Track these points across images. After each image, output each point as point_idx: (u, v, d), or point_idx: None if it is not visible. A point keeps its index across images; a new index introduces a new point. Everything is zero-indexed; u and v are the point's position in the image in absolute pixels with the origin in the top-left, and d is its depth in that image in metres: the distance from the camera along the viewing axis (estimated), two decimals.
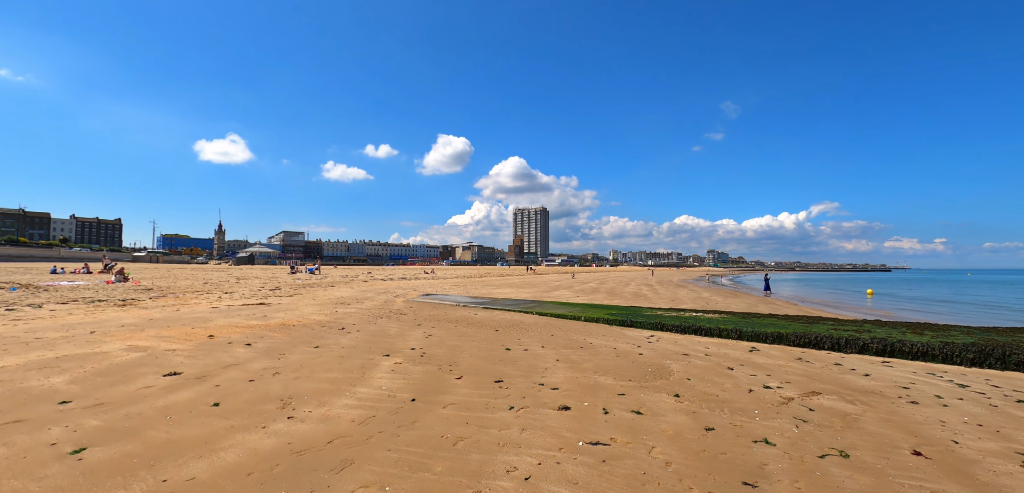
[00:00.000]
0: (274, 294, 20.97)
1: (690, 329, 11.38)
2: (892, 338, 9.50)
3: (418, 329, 11.19)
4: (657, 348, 9.21)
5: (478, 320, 13.12)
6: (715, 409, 5.29)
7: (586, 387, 6.10)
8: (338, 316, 13.36)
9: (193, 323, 11.24)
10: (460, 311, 15.51)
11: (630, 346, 9.36)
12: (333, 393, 5.61)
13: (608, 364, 7.56)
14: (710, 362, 7.94)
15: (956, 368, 8.26)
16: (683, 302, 23.51)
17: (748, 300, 27.01)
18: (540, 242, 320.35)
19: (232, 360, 7.34)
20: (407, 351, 8.31)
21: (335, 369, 6.83)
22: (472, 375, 6.64)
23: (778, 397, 5.87)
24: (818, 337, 9.85)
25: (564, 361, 7.72)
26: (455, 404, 5.25)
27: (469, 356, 8.00)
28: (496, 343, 9.37)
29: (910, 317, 20.65)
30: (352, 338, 9.65)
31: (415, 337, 9.97)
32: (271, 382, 6.08)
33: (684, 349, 9.18)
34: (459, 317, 13.79)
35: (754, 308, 21.42)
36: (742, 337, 10.66)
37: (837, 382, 6.80)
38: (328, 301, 18.03)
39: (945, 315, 22.70)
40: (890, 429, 4.88)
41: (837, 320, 12.72)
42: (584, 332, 11.17)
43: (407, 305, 17.31)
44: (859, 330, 10.60)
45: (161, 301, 16.61)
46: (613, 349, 8.94)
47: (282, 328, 10.81)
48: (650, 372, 7.06)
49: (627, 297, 26.36)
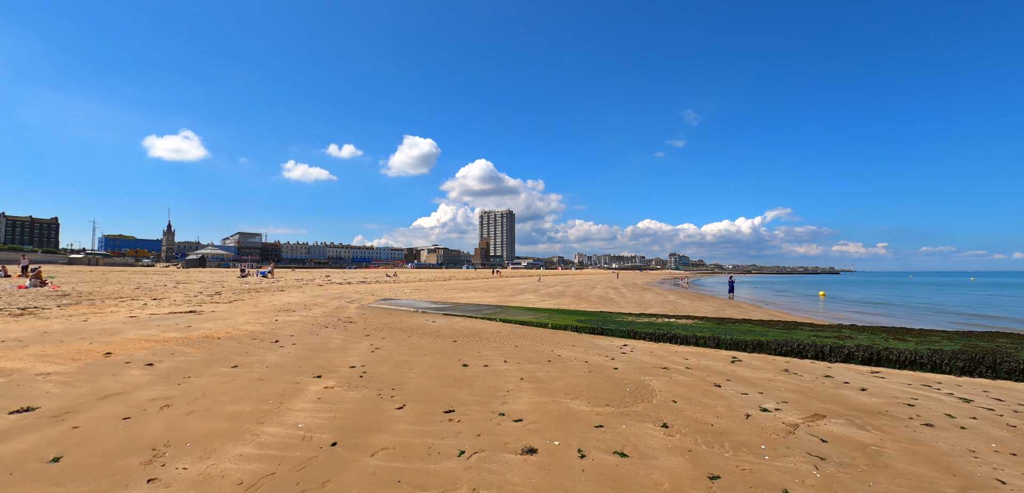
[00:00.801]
0: (211, 300, 18.98)
1: (665, 337, 10.54)
2: (878, 346, 8.92)
3: (365, 341, 9.86)
4: (633, 360, 8.26)
5: (435, 329, 11.87)
6: (714, 444, 4.32)
7: (556, 417, 5.02)
8: (276, 326, 11.82)
9: (95, 337, 9.50)
10: (417, 318, 14.21)
11: (603, 358, 8.37)
12: (229, 436, 4.30)
13: (580, 382, 6.52)
14: (693, 377, 7.03)
15: (948, 378, 7.70)
16: (651, 306, 22.94)
17: (715, 303, 26.82)
18: (506, 245, 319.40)
19: (117, 387, 5.86)
20: (344, 370, 7.00)
21: (246, 398, 5.48)
22: (418, 402, 5.44)
23: (781, 424, 4.97)
24: (801, 345, 9.17)
25: (530, 380, 6.62)
26: (388, 450, 4.04)
27: (418, 376, 6.78)
28: (452, 357, 8.18)
29: (877, 320, 20.73)
30: (283, 354, 8.24)
31: (359, 351, 8.65)
32: (152, 420, 4.69)
33: (661, 360, 8.27)
34: (415, 325, 12.50)
35: (722, 311, 21.05)
36: (720, 345, 9.89)
37: (837, 400, 6.00)
38: (271, 308, 16.32)
39: (902, 318, 23.05)
40: (922, 465, 4.03)
41: (814, 325, 12.22)
42: (552, 342, 10.14)
43: (359, 312, 15.84)
44: (841, 336, 10.02)
45: (71, 309, 14.50)
46: (584, 362, 7.92)
47: (203, 342, 9.26)
48: (629, 392, 6.06)
49: (594, 301, 25.63)
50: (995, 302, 35.05)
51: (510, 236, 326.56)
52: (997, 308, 29.58)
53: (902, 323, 19.35)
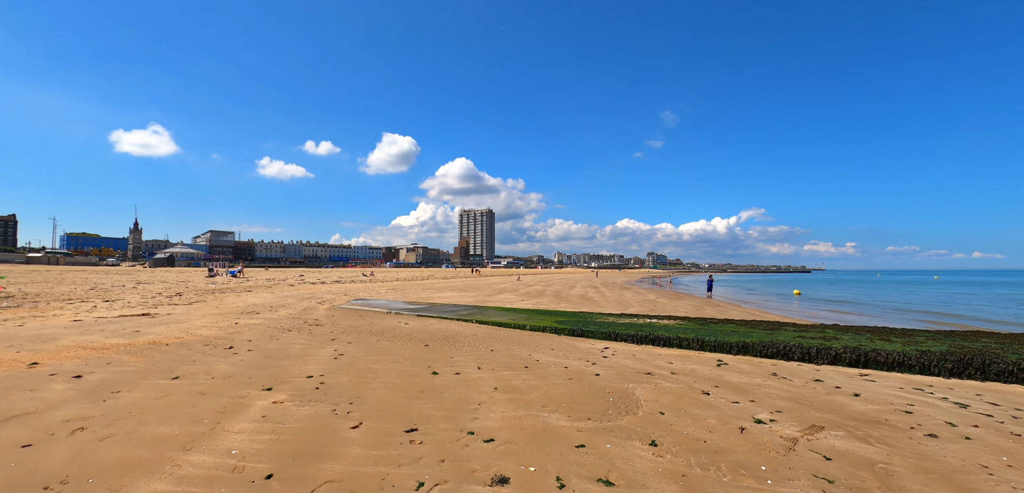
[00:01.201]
0: (170, 302, 17.87)
1: (647, 339, 10.12)
2: (865, 347, 8.65)
3: (329, 346, 9.15)
4: (615, 365, 7.78)
5: (407, 332, 11.21)
6: (709, 465, 3.83)
7: (532, 435, 4.47)
8: (234, 330, 10.99)
9: (25, 345, 8.57)
10: (389, 320, 13.51)
11: (583, 363, 7.87)
12: (144, 468, 3.62)
13: (559, 392, 5.99)
14: (680, 384, 6.58)
15: (938, 380, 7.45)
16: (631, 305, 22.66)
17: (694, 302, 26.74)
18: (486, 244, 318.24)
19: (30, 405, 5.08)
20: (300, 381, 6.32)
21: (177, 417, 4.78)
22: (377, 419, 4.82)
23: (778, 438, 4.53)
24: (787, 347, 8.85)
25: (504, 390, 6.06)
26: (334, 483, 3.43)
27: (382, 386, 6.15)
28: (422, 364, 7.56)
29: (855, 319, 20.83)
30: (235, 362, 7.49)
31: (320, 358, 7.96)
32: (57, 448, 3.98)
33: (645, 365, 7.82)
34: (385, 328, 11.81)
35: (702, 310, 20.89)
36: (705, 348, 9.51)
37: (832, 408, 5.61)
38: (233, 310, 15.38)
39: (879, 317, 23.29)
40: (936, 486, 3.62)
41: (796, 325, 11.99)
42: (529, 345, 9.61)
43: (329, 313, 15.04)
44: (826, 338, 9.76)
45: (9, 313, 13.33)
46: (564, 368, 7.40)
47: (148, 349, 8.42)
48: (612, 403, 5.56)
49: (574, 301, 25.25)
50: (960, 300, 36.07)
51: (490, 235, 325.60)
52: (962, 306, 30.33)
53: (879, 322, 19.47)
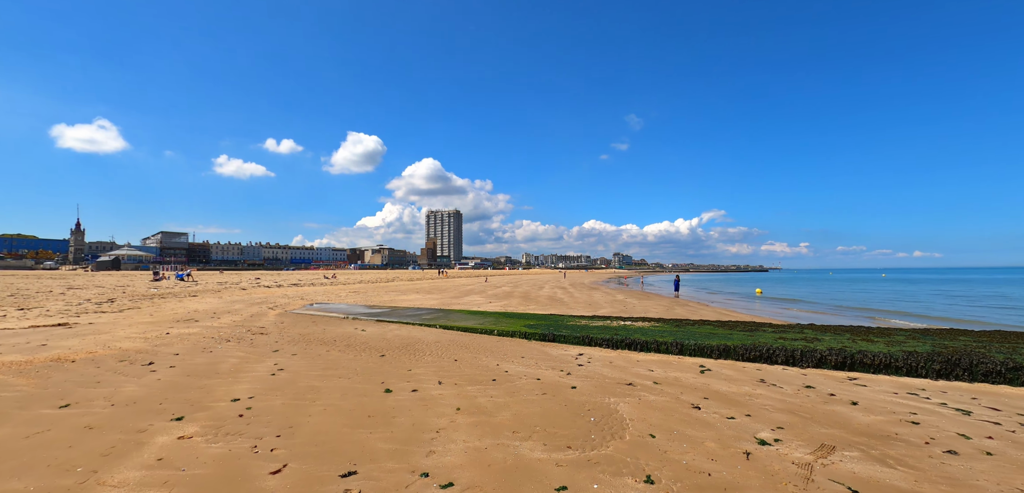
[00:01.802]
0: (99, 309, 16.06)
1: (623, 344, 9.47)
2: (850, 349, 8.24)
3: (270, 359, 8.04)
4: (592, 374, 7.04)
5: (363, 340, 10.17)
6: None
7: (502, 472, 3.63)
8: (163, 342, 9.67)
9: None
10: (345, 327, 12.38)
11: (557, 373, 7.10)
12: None
13: (533, 411, 5.18)
14: (666, 396, 5.89)
15: (928, 383, 7.08)
16: (601, 306, 22.17)
17: (663, 302, 26.56)
18: (453, 245, 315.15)
19: None
20: (222, 407, 5.26)
21: (41, 465, 3.69)
22: (308, 459, 3.87)
23: (790, 464, 3.86)
24: (769, 349, 8.35)
25: (469, 411, 5.20)
26: None
27: (322, 411, 5.17)
28: (374, 380, 6.60)
29: (824, 318, 20.95)
30: (147, 383, 6.32)
31: (256, 374, 6.87)
32: None
33: (624, 373, 7.12)
34: (339, 336, 10.72)
35: (672, 310, 20.60)
36: (684, 352, 8.93)
37: (835, 421, 5.03)
38: (169, 317, 13.85)
39: (840, 314, 23.64)
40: None
41: (774, 325, 11.62)
42: (497, 353, 8.77)
43: (278, 320, 13.75)
44: (807, 338, 9.35)
45: None
46: (536, 381, 6.60)
47: (47, 368, 7.10)
48: (594, 424, 4.79)
49: (543, 302, 24.58)
50: (917, 296, 37.64)
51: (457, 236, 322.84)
52: (922, 303, 31.48)
53: (848, 319, 19.65)
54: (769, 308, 26.31)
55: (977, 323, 19.43)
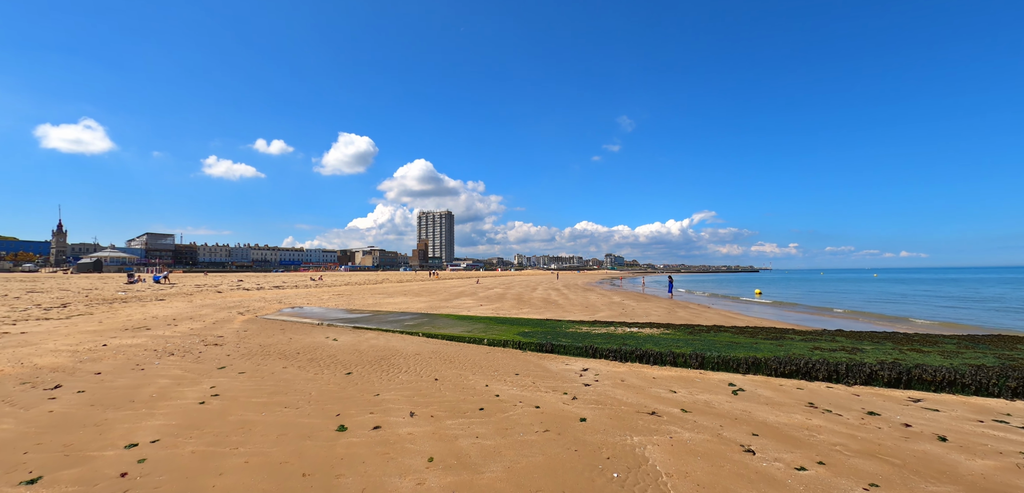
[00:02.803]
0: (44, 315, 14.45)
1: (633, 355, 8.15)
2: (905, 362, 6.98)
3: (209, 379, 6.61)
4: (603, 398, 5.71)
5: (331, 352, 8.76)
6: None
7: None
8: (93, 356, 8.19)
9: None
10: (315, 335, 10.96)
11: (560, 397, 5.76)
12: None
13: (534, 464, 3.83)
14: (703, 432, 4.57)
15: (1006, 404, 5.83)
16: (599, 309, 20.88)
17: (663, 304, 25.34)
18: (445, 246, 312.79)
19: None
20: (105, 460, 3.85)
21: None
22: None
23: None
24: (808, 363, 7.08)
25: (446, 463, 3.82)
26: None
27: (239, 466, 3.76)
28: (328, 412, 5.20)
29: (857, 323, 19.70)
30: (33, 416, 4.88)
31: (178, 405, 5.44)
32: None
33: (643, 397, 5.80)
34: (305, 347, 9.30)
35: (674, 313, 19.36)
36: (706, 365, 7.63)
37: (938, 471, 3.74)
38: (120, 325, 12.32)
39: (855, 319, 22.55)
40: None
41: (798, 331, 10.37)
42: (487, 368, 7.41)
43: (241, 328, 12.27)
44: (845, 348, 8.09)
45: None
46: (535, 410, 5.25)
47: None
48: (618, 482, 3.45)
49: (537, 304, 23.24)
50: (912, 296, 36.82)
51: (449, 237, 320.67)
52: (919, 302, 30.60)
53: (863, 324, 18.53)
54: (774, 311, 25.19)
55: (1003, 328, 18.39)
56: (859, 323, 18.18)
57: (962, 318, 21.75)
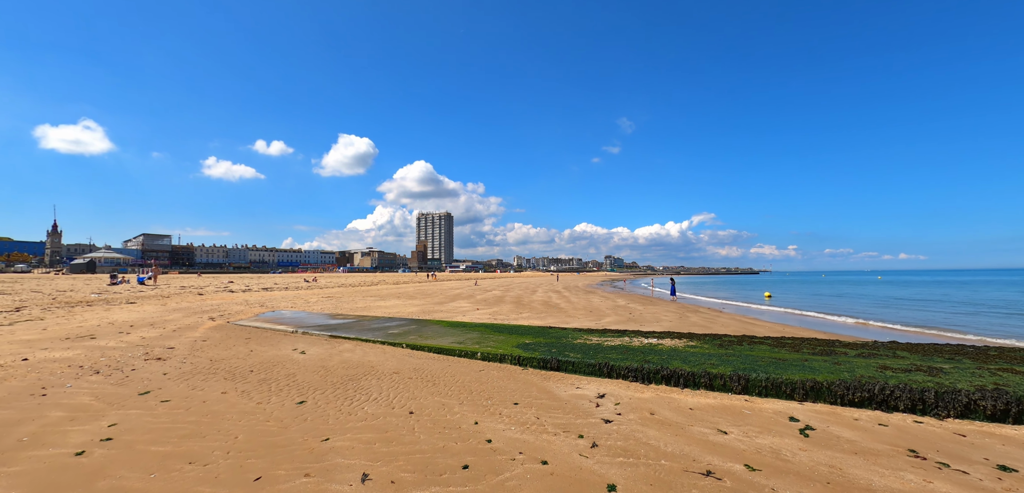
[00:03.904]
0: None
1: (658, 375, 6.66)
2: (1012, 388, 5.49)
3: (118, 410, 5.11)
4: (632, 445, 4.22)
5: (292, 369, 7.27)
6: None
7: None
8: (8, 372, 6.69)
9: None
10: (283, 346, 9.46)
11: (573, 444, 4.27)
12: None
13: None
14: None
15: None
16: (605, 314, 19.38)
17: (671, 308, 23.85)
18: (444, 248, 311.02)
19: None
20: None
21: None
22: None
23: None
24: (883, 389, 5.59)
25: None
26: None
27: None
28: (243, 477, 3.69)
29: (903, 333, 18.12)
30: None
31: (57, 449, 3.96)
32: None
33: (685, 442, 4.31)
34: (264, 362, 7.81)
35: (686, 319, 17.89)
36: (750, 389, 6.14)
37: None
38: (60, 334, 10.81)
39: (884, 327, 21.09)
40: None
41: (844, 342, 8.86)
42: (479, 393, 5.92)
43: (205, 336, 10.77)
44: (920, 368, 6.60)
45: None
46: (540, 467, 3.76)
47: None
48: None
49: (538, 308, 21.75)
50: (925, 300, 35.37)
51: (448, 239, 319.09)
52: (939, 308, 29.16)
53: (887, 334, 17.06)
54: (795, 317, 23.72)
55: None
56: (904, 334, 16.67)
57: (1005, 325, 20.25)
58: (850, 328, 17.71)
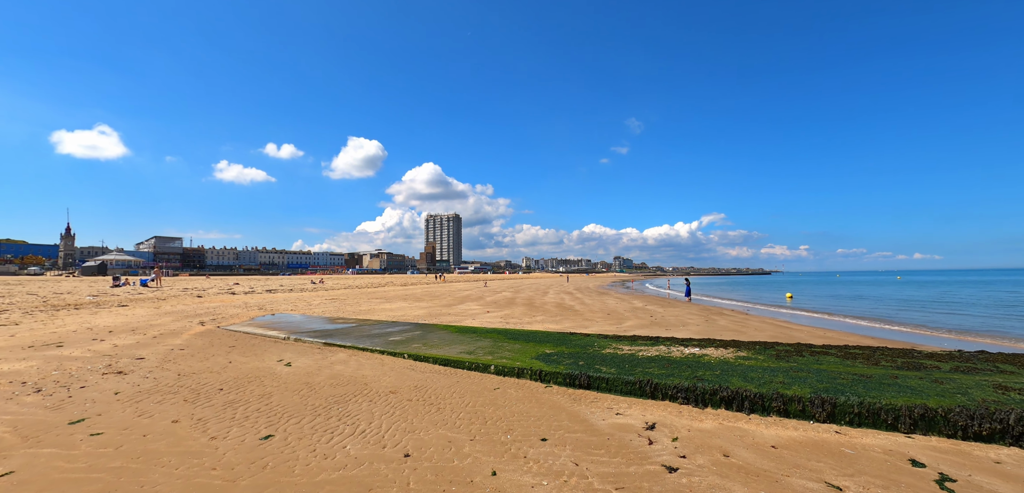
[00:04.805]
0: None
1: (716, 397, 5.38)
2: None
3: (40, 442, 3.95)
4: None
5: (268, 388, 6.08)
6: None
7: None
8: None
9: None
10: (269, 355, 8.30)
11: None
12: None
13: None
14: None
15: None
16: (624, 317, 18.06)
17: (692, 310, 22.45)
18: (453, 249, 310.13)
19: None
20: None
21: None
22: None
23: None
24: (1005, 417, 4.28)
25: None
26: None
27: None
28: None
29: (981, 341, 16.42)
30: None
31: None
32: None
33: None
34: (242, 376, 6.64)
35: (712, 322, 16.52)
36: (837, 416, 4.84)
37: None
38: (29, 342, 9.74)
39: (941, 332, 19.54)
40: None
41: (925, 351, 7.47)
42: (495, 422, 4.69)
43: (188, 343, 9.66)
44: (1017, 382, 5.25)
45: None
46: None
47: None
48: None
49: (552, 311, 20.47)
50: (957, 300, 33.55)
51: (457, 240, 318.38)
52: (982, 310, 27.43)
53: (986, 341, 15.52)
54: (826, 321, 22.21)
55: None
56: (989, 343, 15.07)
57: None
58: (914, 336, 16.19)
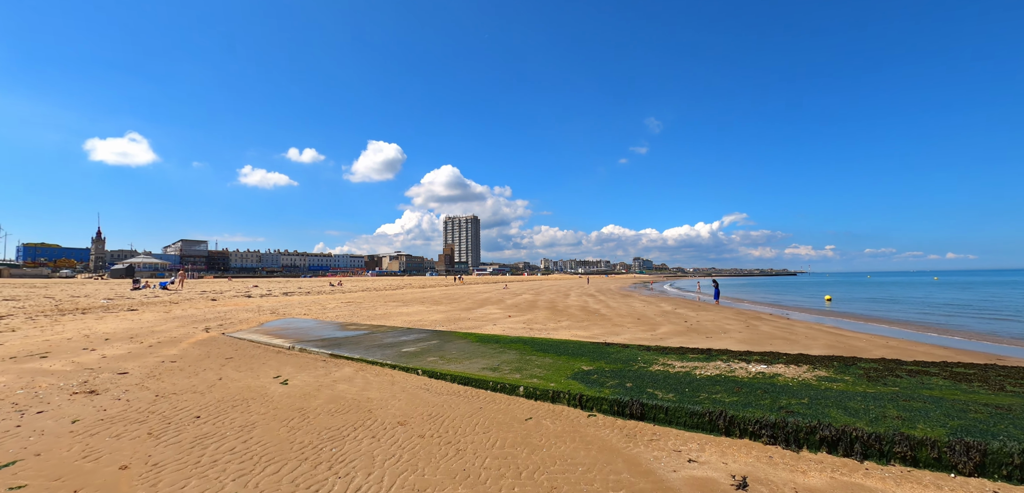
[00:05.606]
0: None
1: (814, 437, 4.16)
2: None
3: None
4: None
5: (254, 417, 5.07)
6: None
7: None
8: None
9: None
10: (266, 369, 7.33)
11: None
12: None
13: None
14: None
15: None
16: (656, 322, 16.73)
17: (727, 314, 20.95)
18: (471, 251, 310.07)
19: None
20: None
21: None
22: None
23: None
24: None
25: None
26: None
27: None
28: None
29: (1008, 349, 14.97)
30: None
31: None
32: None
33: None
34: (229, 396, 5.65)
35: (754, 328, 15.07)
36: (986, 469, 3.59)
37: None
38: (13, 353, 9.00)
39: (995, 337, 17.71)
40: None
41: None
42: (531, 476, 3.56)
43: (184, 352, 8.78)
44: None
45: None
46: None
47: None
48: None
49: (577, 315, 19.25)
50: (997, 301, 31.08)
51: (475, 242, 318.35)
52: None
53: None
54: (870, 325, 20.47)
55: None
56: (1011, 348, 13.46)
57: None
58: (996, 347, 14.54)
